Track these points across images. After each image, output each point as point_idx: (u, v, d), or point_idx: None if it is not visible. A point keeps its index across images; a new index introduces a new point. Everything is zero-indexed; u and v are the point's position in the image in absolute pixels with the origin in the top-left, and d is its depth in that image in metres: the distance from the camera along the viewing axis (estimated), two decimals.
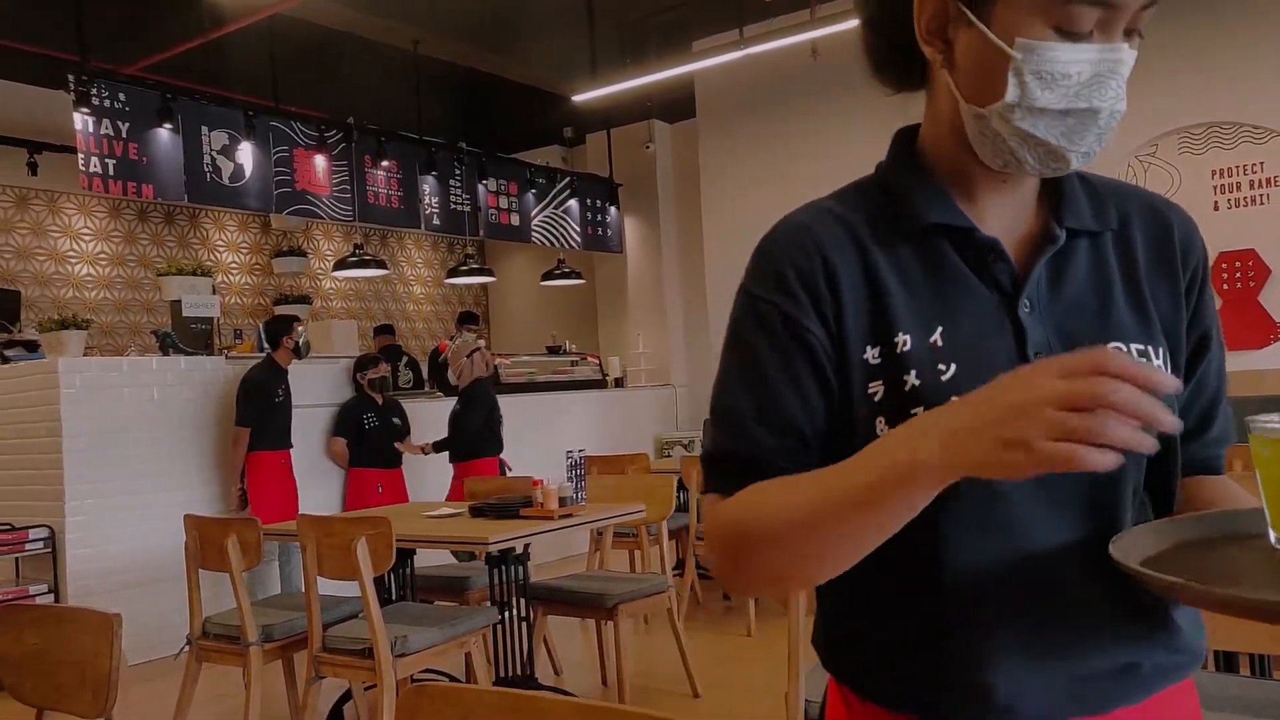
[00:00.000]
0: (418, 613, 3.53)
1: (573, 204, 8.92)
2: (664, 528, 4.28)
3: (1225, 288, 6.16)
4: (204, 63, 7.09)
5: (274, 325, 5.61)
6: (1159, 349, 0.88)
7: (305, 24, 6.93)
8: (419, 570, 4.23)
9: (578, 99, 6.93)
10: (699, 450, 8.02)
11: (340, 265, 8.23)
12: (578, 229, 8.96)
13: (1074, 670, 0.83)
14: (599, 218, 9.18)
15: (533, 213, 8.60)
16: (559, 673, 4.40)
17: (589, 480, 4.07)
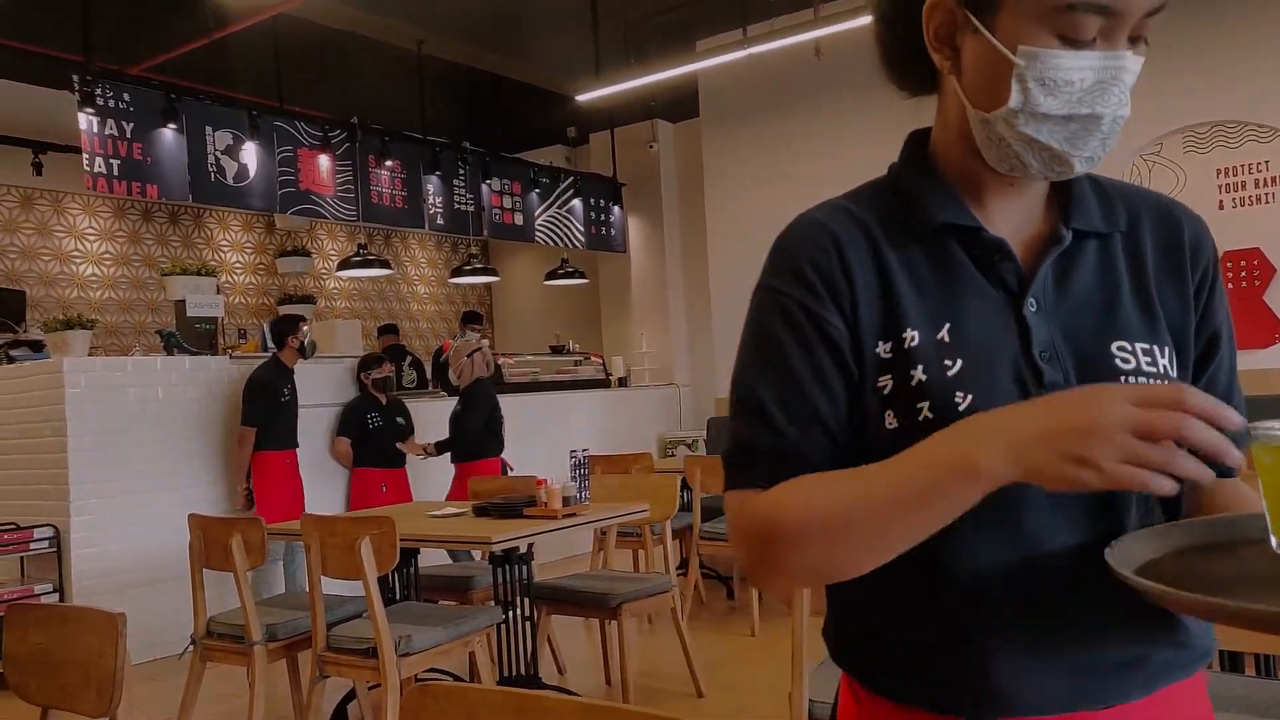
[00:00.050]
0: (422, 612, 3.53)
1: (576, 204, 8.92)
2: (667, 527, 4.28)
3: (1230, 287, 6.15)
4: (208, 63, 7.10)
5: (280, 325, 5.62)
6: (1165, 348, 0.88)
7: (309, 24, 6.94)
8: (423, 570, 4.24)
9: (581, 98, 6.93)
10: (702, 450, 8.04)
11: (344, 265, 8.24)
12: (581, 229, 8.96)
13: (1078, 665, 0.84)
14: (602, 217, 9.18)
15: (536, 212, 8.60)
16: (563, 672, 4.40)
17: (593, 480, 4.07)
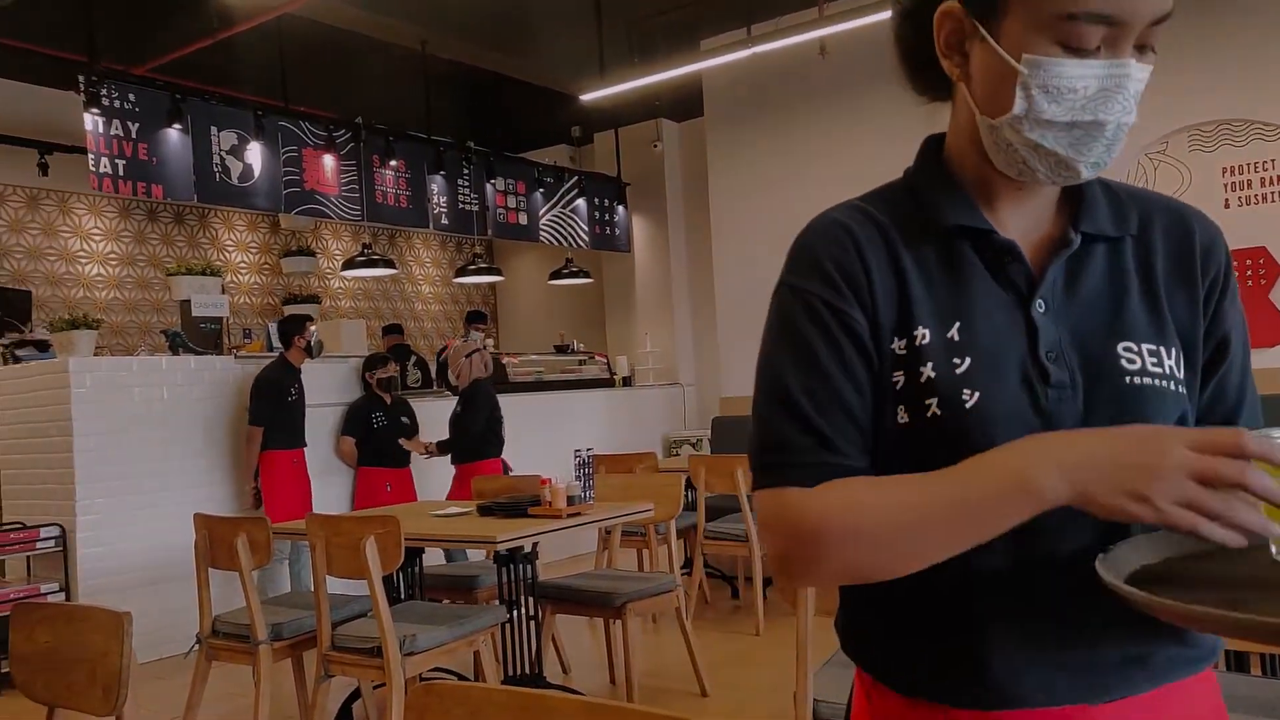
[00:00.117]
0: (426, 611, 3.53)
1: (580, 203, 8.92)
2: (672, 527, 4.29)
3: None
4: (213, 63, 7.12)
5: (287, 324, 5.62)
6: (1171, 350, 0.90)
7: (314, 24, 6.94)
8: (427, 569, 4.24)
9: (586, 98, 6.93)
10: (707, 449, 8.02)
11: (349, 265, 8.25)
12: (586, 228, 8.96)
13: (1082, 660, 0.85)
14: (607, 217, 9.18)
15: (541, 212, 8.60)
16: (567, 671, 4.40)
17: (597, 479, 4.08)
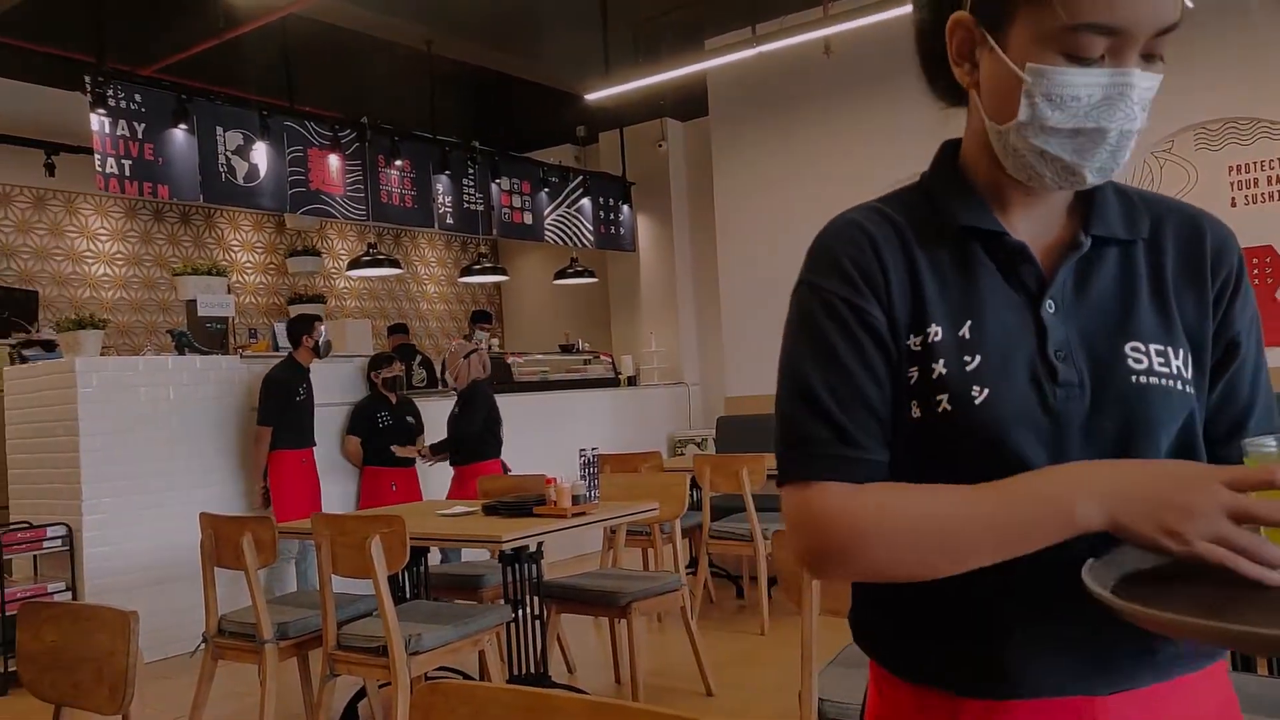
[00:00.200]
0: (431, 611, 3.54)
1: (585, 203, 8.92)
2: (677, 526, 4.29)
3: None
4: (219, 63, 7.13)
5: (295, 324, 5.63)
6: (1179, 350, 0.91)
7: (319, 24, 6.95)
8: (431, 569, 4.25)
9: (590, 98, 6.92)
10: (712, 449, 8.01)
11: (354, 264, 8.25)
12: (590, 228, 8.96)
13: (1090, 652, 0.87)
14: (612, 216, 9.18)
15: (546, 212, 8.61)
16: (572, 671, 4.40)
17: (602, 479, 4.08)
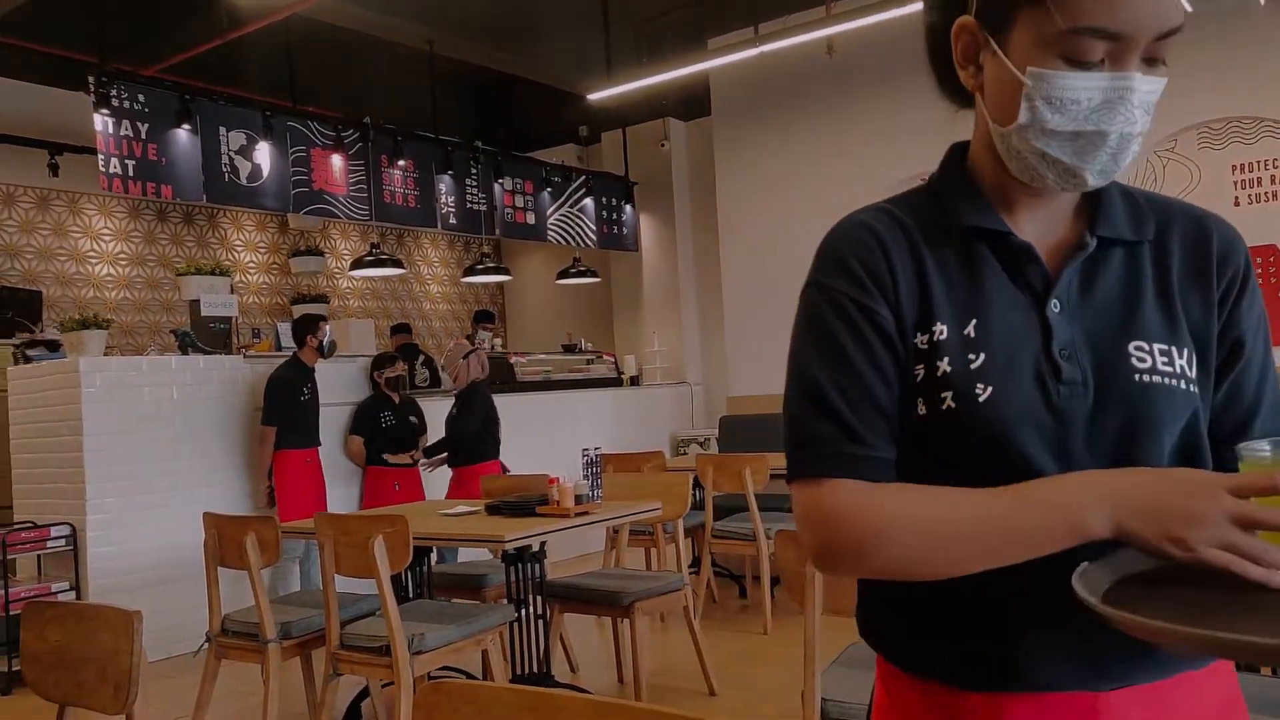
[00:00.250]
0: (435, 610, 3.54)
1: (588, 202, 8.92)
2: (680, 526, 4.29)
3: None
4: (222, 63, 7.14)
5: (300, 324, 5.64)
6: (1183, 350, 0.92)
7: (322, 24, 6.96)
8: (435, 568, 4.25)
9: (593, 98, 6.92)
10: (715, 448, 8.01)
11: (357, 264, 8.26)
12: (593, 227, 8.97)
13: (1095, 647, 0.88)
14: (614, 216, 9.18)
15: (548, 211, 8.61)
16: (575, 670, 4.41)
17: (605, 478, 4.07)
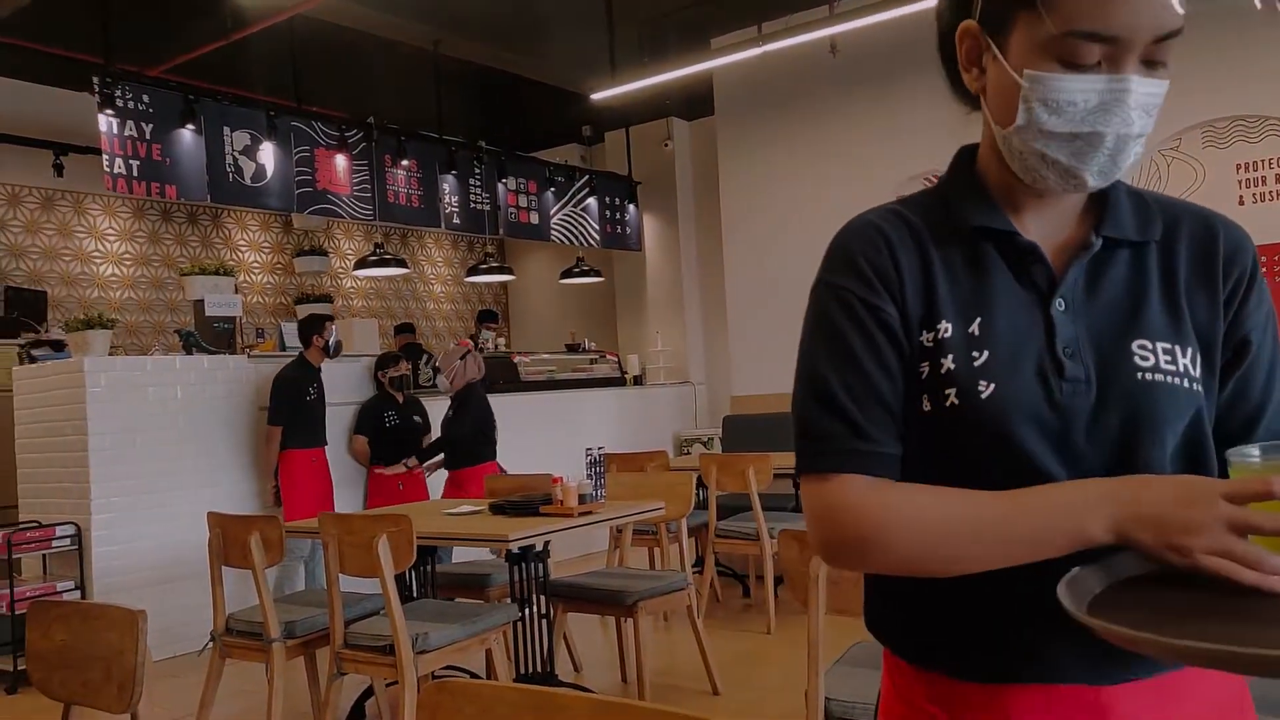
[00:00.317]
0: (438, 610, 3.55)
1: (591, 202, 8.93)
2: (683, 525, 4.29)
3: None
4: (226, 64, 7.15)
5: (306, 324, 5.64)
6: (1187, 349, 0.93)
7: (325, 24, 6.96)
8: (439, 567, 4.25)
9: (596, 97, 6.92)
10: (718, 448, 8.01)
11: (361, 264, 8.27)
12: (597, 227, 8.97)
13: (1097, 644, 0.87)
14: (618, 216, 9.18)
15: (552, 211, 8.61)
16: (579, 670, 4.41)
17: (608, 478, 4.08)
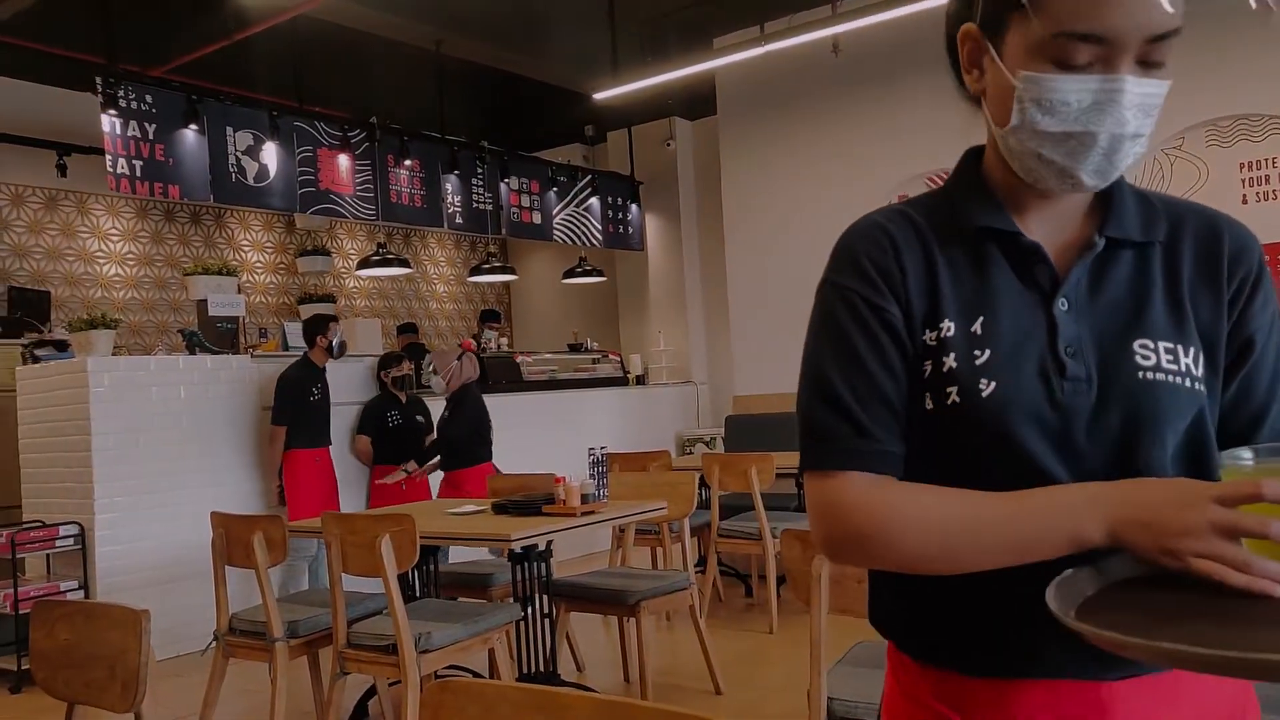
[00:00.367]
0: (441, 609, 3.55)
1: (594, 202, 8.93)
2: (686, 525, 4.29)
3: None
4: (228, 64, 7.16)
5: (310, 324, 5.65)
6: (1190, 349, 0.94)
7: (328, 24, 6.97)
8: (442, 567, 4.26)
9: (599, 97, 6.93)
10: (720, 447, 8.01)
11: (364, 264, 8.28)
12: (599, 227, 8.97)
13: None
14: (620, 215, 9.18)
15: (554, 211, 8.61)
16: (581, 669, 4.41)
17: (611, 477, 4.08)
